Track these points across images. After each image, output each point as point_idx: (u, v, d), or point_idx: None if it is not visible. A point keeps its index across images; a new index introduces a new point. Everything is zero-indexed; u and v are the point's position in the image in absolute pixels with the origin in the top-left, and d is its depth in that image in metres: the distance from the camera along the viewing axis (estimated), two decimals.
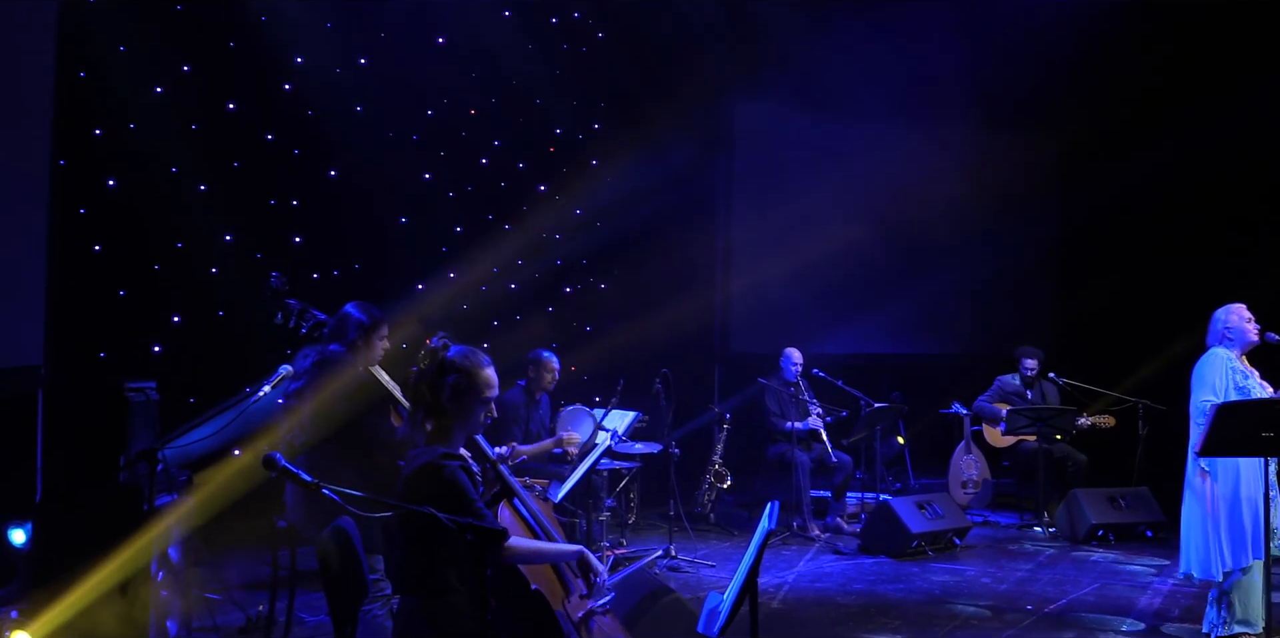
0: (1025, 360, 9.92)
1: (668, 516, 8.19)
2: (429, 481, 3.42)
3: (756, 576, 3.45)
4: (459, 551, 3.39)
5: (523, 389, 7.78)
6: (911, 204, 11.36)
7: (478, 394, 3.58)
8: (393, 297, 7.69)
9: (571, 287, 10.37)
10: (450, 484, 3.41)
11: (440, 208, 9.07)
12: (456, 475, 3.44)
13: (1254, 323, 5.95)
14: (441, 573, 3.44)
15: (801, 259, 10.72)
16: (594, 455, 6.66)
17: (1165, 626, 6.27)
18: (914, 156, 11.88)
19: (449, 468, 3.44)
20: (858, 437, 9.43)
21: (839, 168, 11.59)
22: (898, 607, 6.69)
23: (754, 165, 11.60)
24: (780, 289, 10.96)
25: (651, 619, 5.09)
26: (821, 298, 11.38)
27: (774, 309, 11.22)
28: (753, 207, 11.50)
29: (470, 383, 3.57)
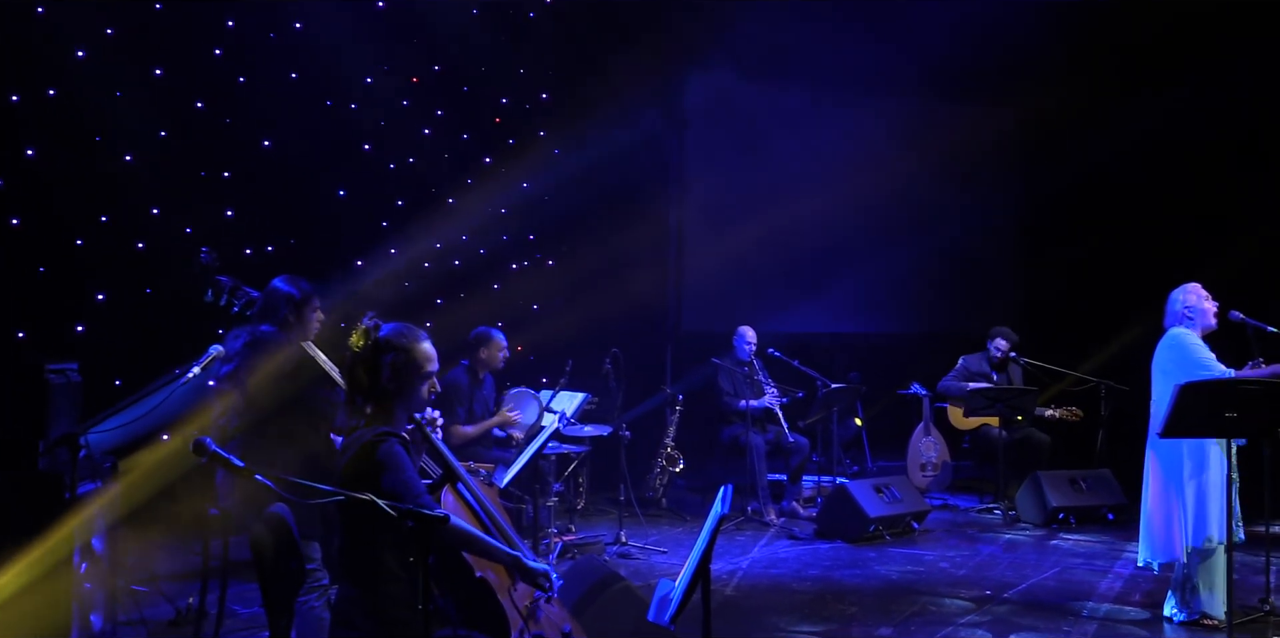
0: (997, 341, 9.95)
1: (618, 501, 8.20)
2: (366, 459, 3.40)
3: (709, 562, 3.46)
4: (401, 537, 3.37)
5: (466, 369, 7.74)
6: (870, 178, 11.41)
7: (418, 370, 3.57)
8: (331, 273, 7.61)
9: (518, 263, 10.32)
10: (386, 459, 3.40)
11: (380, 181, 8.98)
12: (394, 450, 3.42)
13: (1212, 302, 6.02)
14: (383, 561, 3.42)
15: (756, 235, 10.75)
16: (541, 439, 6.65)
17: (1126, 610, 6.37)
18: (873, 129, 11.94)
19: (386, 443, 3.43)
20: (814, 418, 9.49)
21: (795, 141, 11.62)
22: (854, 593, 6.75)
23: (707, 138, 11.58)
24: (735, 266, 10.98)
25: (600, 608, 5.09)
26: (777, 275, 11.42)
27: (728, 287, 11.24)
28: (706, 181, 11.50)
29: (409, 359, 3.56)
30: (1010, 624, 6.05)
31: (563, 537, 7.74)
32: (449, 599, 3.64)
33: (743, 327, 9.54)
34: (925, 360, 10.89)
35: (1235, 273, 8.63)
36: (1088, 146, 10.93)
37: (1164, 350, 5.99)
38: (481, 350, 7.78)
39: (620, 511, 8.17)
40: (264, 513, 3.69)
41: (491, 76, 9.93)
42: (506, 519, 3.96)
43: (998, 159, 12.25)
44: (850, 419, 11.03)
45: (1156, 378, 6.01)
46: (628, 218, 10.58)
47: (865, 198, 11.54)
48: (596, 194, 10.35)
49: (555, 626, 3.91)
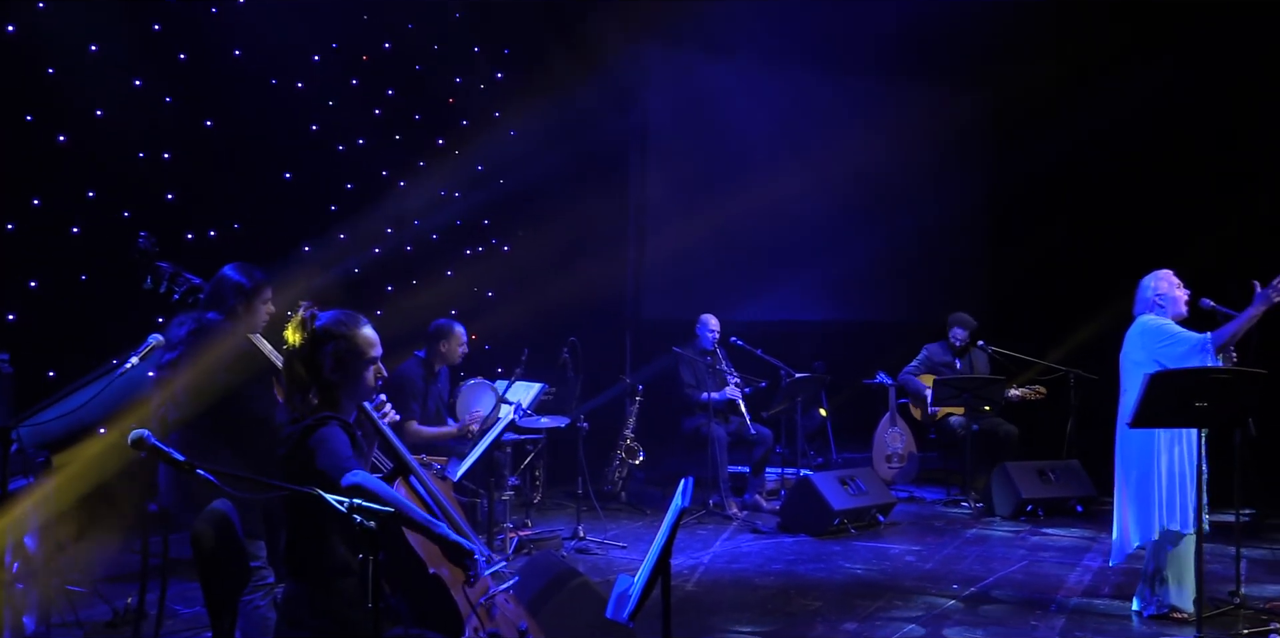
0: (955, 330, 10.05)
1: (575, 494, 8.20)
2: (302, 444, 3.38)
3: (669, 557, 3.46)
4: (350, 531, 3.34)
5: (420, 361, 7.69)
6: (836, 162, 11.45)
7: (361, 357, 3.55)
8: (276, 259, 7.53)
9: (472, 249, 10.27)
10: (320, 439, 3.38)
11: (329, 163, 8.91)
12: (330, 429, 3.41)
13: (1183, 289, 6.09)
14: (331, 556, 3.41)
15: (719, 220, 10.76)
16: (496, 431, 6.63)
17: (1095, 603, 6.45)
18: (837, 112, 11.98)
19: (325, 425, 3.42)
20: (778, 409, 9.52)
21: (759, 123, 11.63)
22: (818, 588, 6.79)
23: (668, 120, 11.58)
24: (696, 252, 10.99)
25: (558, 605, 5.09)
26: (740, 261, 11.45)
27: (689, 273, 11.25)
28: (667, 164, 11.49)
29: (351, 346, 3.54)
30: (977, 619, 6.11)
31: (519, 532, 7.73)
32: (400, 597, 3.62)
33: (705, 314, 9.55)
34: (892, 349, 10.95)
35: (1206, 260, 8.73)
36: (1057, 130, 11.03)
37: (1134, 338, 6.05)
38: (441, 344, 7.71)
39: (578, 504, 8.17)
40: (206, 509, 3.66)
41: (445, 55, 9.87)
42: (460, 514, 3.94)
43: (966, 143, 12.34)
44: (815, 410, 11.08)
45: (1126, 367, 6.07)
46: (586, 201, 10.56)
47: (831, 182, 11.59)
48: (553, 177, 10.32)
49: (511, 623, 3.90)
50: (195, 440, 4.57)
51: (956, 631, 5.88)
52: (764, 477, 9.52)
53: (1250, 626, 5.78)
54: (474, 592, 3.76)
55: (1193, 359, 5.78)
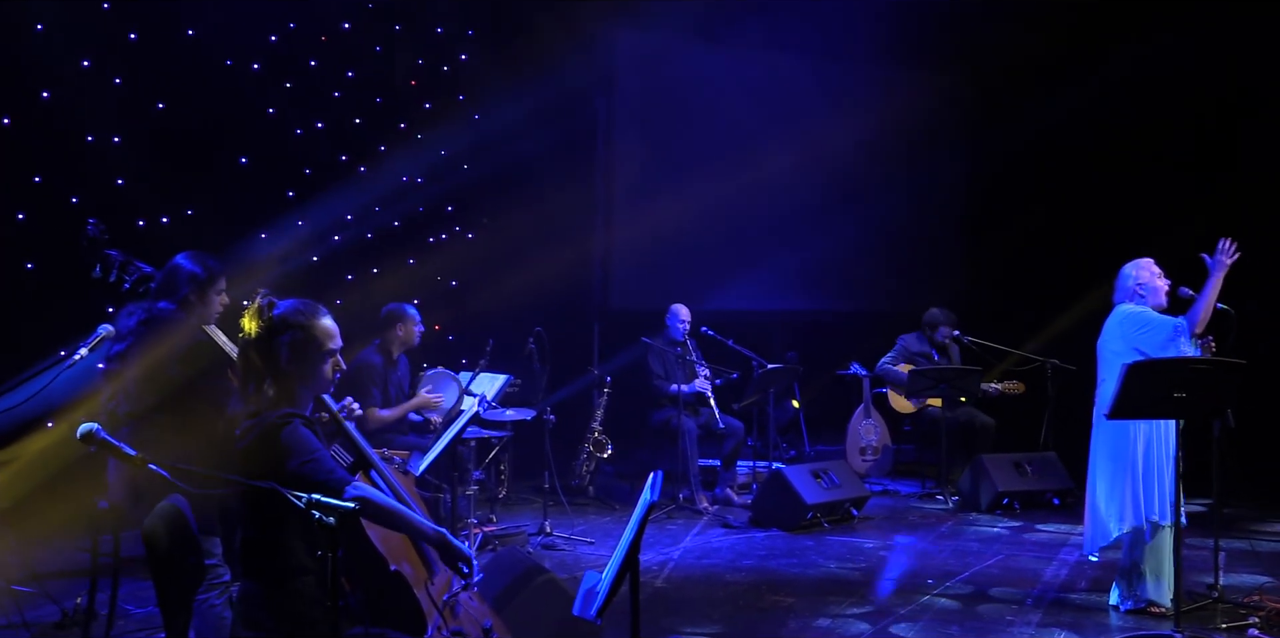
0: (940, 329, 10.10)
1: (542, 489, 8.20)
2: (268, 443, 3.36)
3: (638, 553, 3.47)
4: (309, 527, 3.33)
5: (379, 348, 7.68)
6: (809, 148, 11.46)
7: (320, 348, 3.53)
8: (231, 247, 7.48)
9: (435, 236, 10.24)
10: (291, 442, 3.36)
11: (286, 147, 8.85)
12: (298, 431, 3.39)
13: (1164, 279, 6.14)
14: (290, 554, 3.39)
15: (690, 207, 10.75)
16: (460, 423, 6.61)
17: (1072, 598, 6.50)
18: (811, 96, 11.98)
19: (290, 425, 3.39)
20: (749, 400, 9.54)
21: (732, 107, 11.64)
22: (791, 584, 6.82)
23: (638, 103, 11.56)
24: (666, 240, 10.98)
25: (523, 602, 5.10)
26: (711, 250, 11.44)
27: (660, 262, 11.24)
28: (637, 149, 11.47)
29: (309, 337, 3.51)
30: (952, 614, 6.15)
31: (483, 527, 7.72)
32: (361, 595, 3.61)
33: (676, 305, 9.56)
34: (866, 339, 11.00)
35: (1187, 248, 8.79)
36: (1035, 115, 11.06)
37: (1112, 327, 6.10)
38: (397, 328, 7.71)
39: (544, 499, 8.17)
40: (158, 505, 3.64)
41: (407, 36, 9.82)
42: (423, 510, 3.94)
43: (942, 127, 12.37)
44: (787, 401, 11.11)
45: (1104, 356, 6.11)
46: (553, 188, 10.54)
47: (804, 169, 11.60)
48: (519, 163, 10.29)
49: (475, 621, 3.90)
50: (148, 434, 4.55)
51: (931, 626, 5.92)
52: (735, 470, 9.55)
53: (1228, 619, 5.84)
54: (437, 589, 3.76)
55: (1171, 346, 5.84)
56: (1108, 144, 10.88)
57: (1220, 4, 10.09)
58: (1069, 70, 10.93)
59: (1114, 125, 10.82)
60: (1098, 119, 10.81)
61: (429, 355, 9.02)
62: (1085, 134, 10.96)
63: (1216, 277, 5.88)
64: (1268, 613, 5.88)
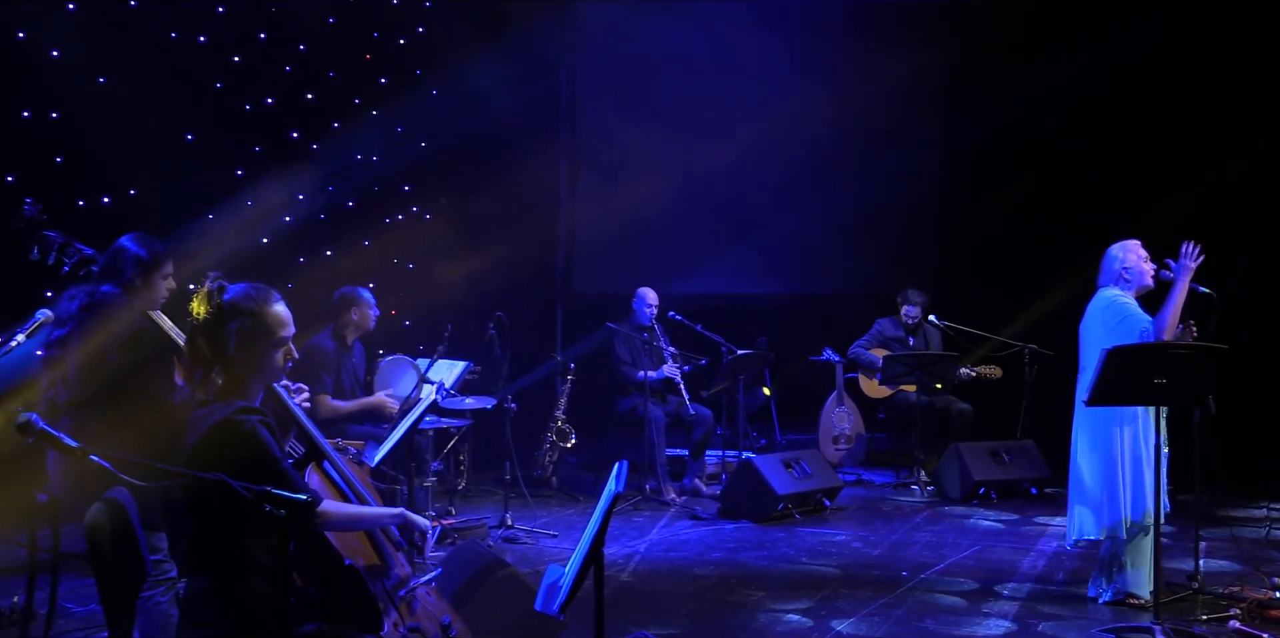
0: (906, 308, 10.16)
1: (503, 480, 8.19)
2: (223, 440, 3.34)
3: (602, 545, 3.47)
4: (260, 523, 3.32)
5: (332, 333, 7.64)
6: (780, 126, 11.46)
7: (270, 336, 3.50)
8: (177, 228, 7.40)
9: (391, 217, 10.18)
10: (248, 441, 3.34)
11: (234, 123, 8.76)
12: (257, 431, 3.36)
13: (1150, 262, 6.18)
14: (239, 550, 3.37)
15: (657, 187, 10.74)
16: (417, 412, 6.59)
17: (1050, 589, 6.56)
18: (782, 73, 11.97)
19: (247, 422, 3.37)
20: (719, 388, 9.56)
21: (700, 83, 11.62)
22: (761, 576, 6.85)
23: (604, 79, 11.52)
24: (632, 221, 10.96)
25: (484, 597, 5.10)
26: (679, 232, 11.44)
27: (626, 244, 11.23)
28: (602, 126, 11.45)
29: (259, 325, 3.49)
30: (927, 607, 6.20)
31: (442, 520, 7.71)
32: (314, 590, 3.60)
33: (643, 288, 9.55)
34: (839, 324, 11.03)
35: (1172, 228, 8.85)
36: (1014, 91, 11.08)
37: (1094, 313, 6.13)
38: (351, 312, 7.68)
39: (506, 491, 8.17)
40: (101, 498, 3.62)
41: (362, 7, 9.73)
42: (378, 502, 3.93)
43: (917, 105, 12.38)
44: (757, 388, 11.13)
45: (1086, 341, 6.15)
46: (514, 167, 10.50)
47: (776, 147, 11.60)
48: (479, 140, 10.23)
49: (433, 617, 3.90)
50: (89, 424, 4.52)
51: (905, 620, 5.96)
52: (704, 460, 9.57)
53: (1209, 611, 5.91)
54: (393, 585, 3.75)
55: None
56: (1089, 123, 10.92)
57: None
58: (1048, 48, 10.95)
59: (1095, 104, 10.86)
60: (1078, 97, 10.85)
61: (385, 341, 8.98)
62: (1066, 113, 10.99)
63: (1182, 282, 5.92)
64: (1249, 604, 5.94)
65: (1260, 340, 9.44)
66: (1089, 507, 6.11)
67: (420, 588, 3.89)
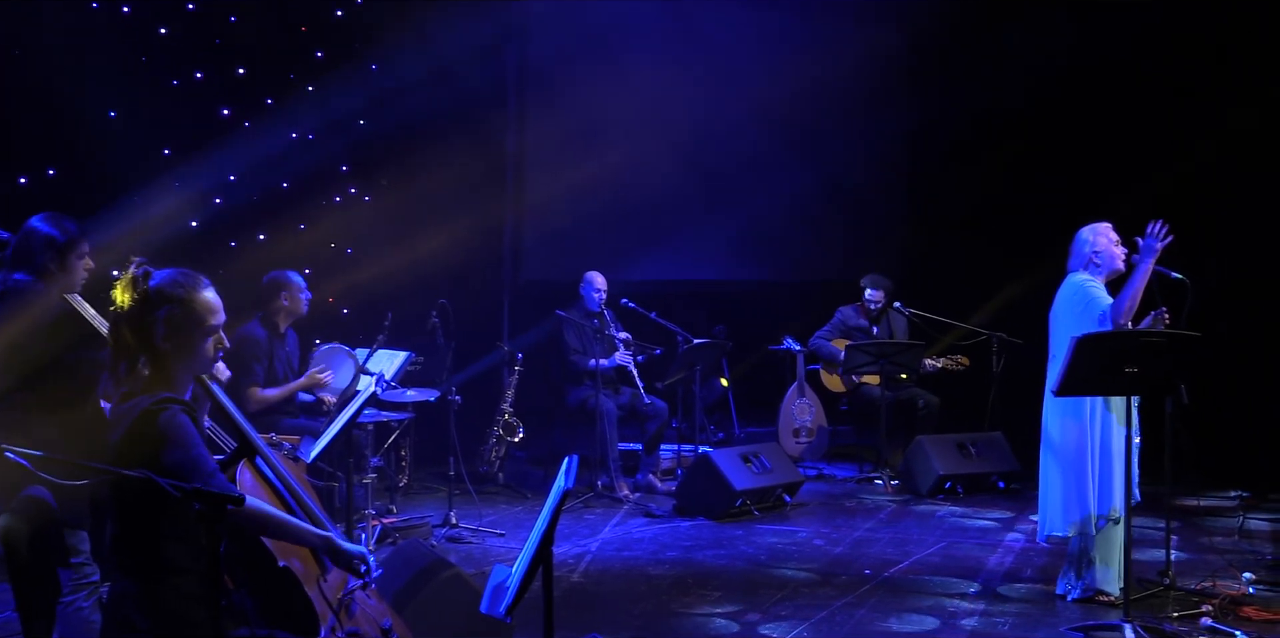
0: (869, 292, 10.20)
1: (447, 476, 8.17)
2: (145, 432, 3.32)
3: (551, 544, 3.47)
4: (187, 521, 3.30)
5: (262, 321, 7.59)
6: (739, 105, 11.47)
7: (200, 324, 3.48)
8: (99, 210, 7.34)
9: (328, 199, 10.11)
10: (169, 431, 3.31)
11: (161, 100, 8.67)
12: (176, 419, 3.34)
13: (1121, 246, 6.23)
14: (165, 550, 3.36)
15: (609, 169, 10.72)
16: (355, 405, 6.55)
17: (1017, 587, 6.63)
18: (740, 50, 11.97)
19: (169, 411, 3.35)
20: (674, 379, 9.58)
21: (654, 60, 11.60)
22: (719, 576, 6.87)
23: (551, 54, 11.48)
24: (582, 204, 10.95)
25: (426, 599, 5.10)
26: (632, 215, 11.44)
27: (576, 228, 11.22)
28: (550, 104, 11.41)
29: (188, 312, 3.46)
30: (890, 606, 6.24)
31: (382, 519, 7.69)
32: (246, 594, 3.58)
33: (590, 272, 9.55)
34: (800, 312, 11.07)
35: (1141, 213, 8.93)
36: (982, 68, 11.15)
37: (1063, 299, 6.18)
38: (281, 297, 7.62)
39: (450, 488, 8.14)
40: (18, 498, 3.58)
41: None
42: (315, 500, 3.91)
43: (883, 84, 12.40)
44: (715, 379, 11.17)
45: (1055, 329, 6.21)
46: (459, 146, 10.45)
47: (734, 128, 11.62)
48: (422, 118, 10.18)
49: (373, 621, 3.89)
50: (6, 418, 4.46)
51: (869, 619, 6.00)
52: (658, 454, 9.58)
53: (1180, 608, 5.99)
54: (330, 587, 3.73)
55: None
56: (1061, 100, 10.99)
57: None
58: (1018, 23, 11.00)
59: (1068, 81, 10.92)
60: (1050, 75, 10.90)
61: (321, 330, 8.94)
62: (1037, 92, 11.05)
63: (1146, 264, 5.97)
64: (1221, 601, 6.02)
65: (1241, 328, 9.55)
66: (1057, 502, 6.16)
67: (359, 590, 3.87)
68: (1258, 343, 9.84)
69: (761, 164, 11.93)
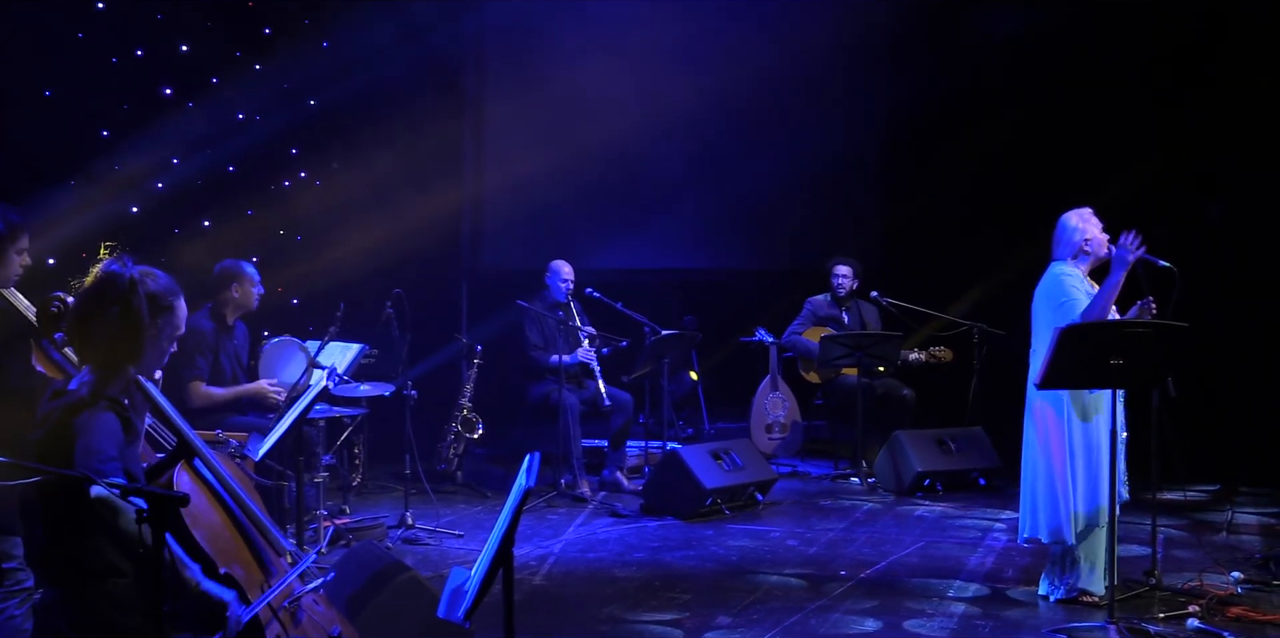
0: (838, 269, 10.19)
1: (402, 475, 8.14)
2: (62, 430, 3.30)
3: (512, 546, 3.46)
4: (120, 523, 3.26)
5: (210, 312, 7.54)
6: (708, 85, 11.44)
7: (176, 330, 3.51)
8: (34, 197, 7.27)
9: (276, 183, 10.07)
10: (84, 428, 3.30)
11: (100, 78, 8.60)
12: (98, 415, 3.34)
13: (1104, 232, 6.24)
14: (96, 555, 3.34)
15: (572, 151, 10.71)
16: (306, 401, 6.53)
17: (998, 588, 6.64)
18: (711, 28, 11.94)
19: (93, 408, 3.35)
20: (641, 372, 9.56)
21: (618, 36, 11.57)
22: (688, 579, 6.87)
23: (511, 29, 11.45)
24: (544, 189, 10.93)
25: (381, 604, 5.08)
26: (597, 201, 11.42)
27: (536, 214, 11.20)
28: (510, 83, 11.38)
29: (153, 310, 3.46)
30: (867, 609, 6.24)
31: (335, 520, 7.65)
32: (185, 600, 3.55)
33: (557, 261, 9.52)
34: (772, 302, 11.07)
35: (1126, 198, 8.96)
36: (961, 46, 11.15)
37: (1043, 290, 6.19)
38: (233, 288, 7.57)
39: (406, 487, 8.12)
40: None
41: None
42: (259, 503, 3.88)
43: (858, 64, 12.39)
44: (684, 372, 11.17)
45: (1037, 320, 6.21)
46: (414, 127, 10.43)
47: (703, 109, 11.59)
48: (375, 98, 10.15)
49: (321, 629, 3.87)
50: None
51: (844, 622, 6.00)
52: (624, 451, 9.58)
53: (1166, 608, 6.01)
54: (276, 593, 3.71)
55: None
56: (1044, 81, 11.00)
57: None
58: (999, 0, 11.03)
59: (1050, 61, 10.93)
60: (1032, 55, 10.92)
61: (270, 322, 8.88)
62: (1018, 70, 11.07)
63: (1118, 276, 5.95)
64: (1208, 601, 6.05)
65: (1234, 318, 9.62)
66: (1037, 504, 6.17)
67: (307, 596, 3.85)
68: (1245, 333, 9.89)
69: (733, 147, 11.92)
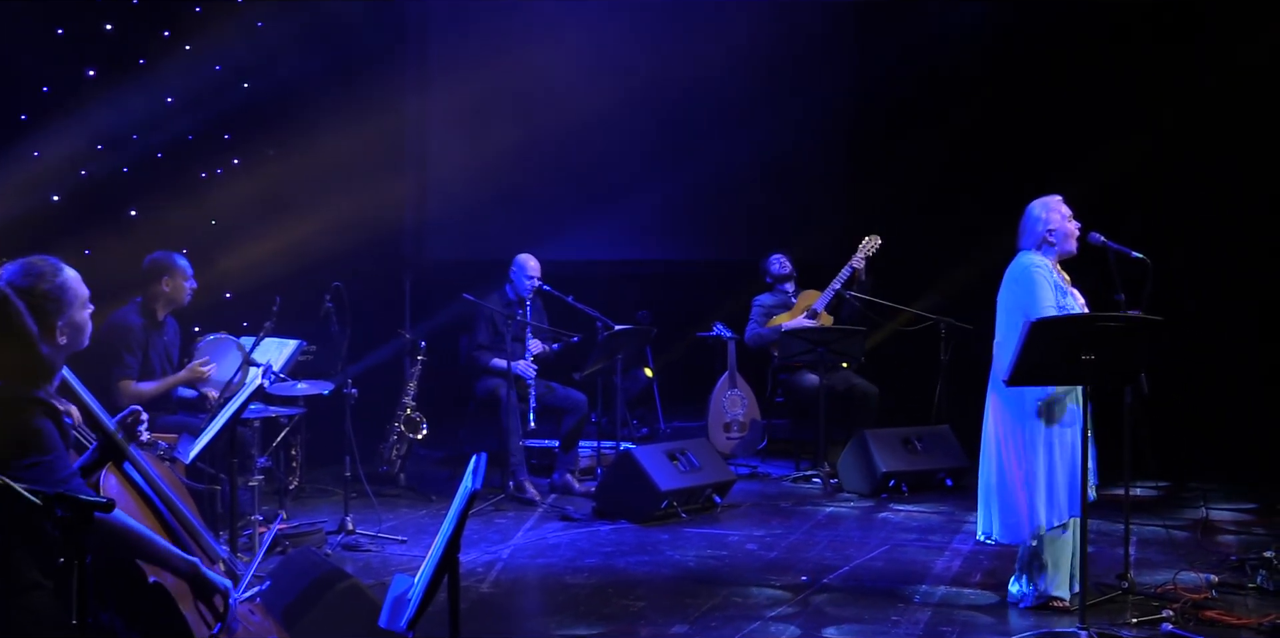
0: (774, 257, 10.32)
1: (342, 478, 8.11)
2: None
3: (457, 552, 3.46)
4: (42, 532, 3.25)
5: (139, 307, 7.49)
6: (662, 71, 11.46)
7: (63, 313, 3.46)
8: None
9: (208, 171, 10.01)
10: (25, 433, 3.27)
11: (18, 60, 8.52)
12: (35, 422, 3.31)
13: (1074, 222, 6.28)
14: (15, 565, 3.30)
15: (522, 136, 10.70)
16: (240, 400, 6.49)
17: (966, 593, 6.69)
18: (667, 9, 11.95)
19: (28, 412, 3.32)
20: (593, 369, 9.55)
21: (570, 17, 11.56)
22: (642, 585, 6.88)
23: (456, 13, 11.41)
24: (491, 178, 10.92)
25: (320, 613, 5.06)
26: (546, 190, 11.42)
27: (483, 203, 11.18)
28: (455, 66, 11.35)
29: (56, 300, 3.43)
30: (829, 615, 6.28)
31: (270, 526, 7.61)
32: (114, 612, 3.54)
33: (522, 255, 9.45)
34: (731, 295, 11.09)
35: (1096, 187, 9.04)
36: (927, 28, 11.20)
37: (1009, 282, 6.22)
38: (163, 282, 7.53)
39: (346, 490, 8.08)
40: None
41: None
42: (191, 507, 3.87)
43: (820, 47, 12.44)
44: (638, 369, 11.17)
45: (1002, 314, 6.25)
46: (354, 114, 10.39)
47: (658, 95, 11.61)
48: (313, 83, 10.09)
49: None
50: None
51: (805, 629, 6.03)
52: (576, 453, 9.58)
53: (1139, 613, 6.07)
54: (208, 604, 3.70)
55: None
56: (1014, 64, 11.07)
57: None
58: None
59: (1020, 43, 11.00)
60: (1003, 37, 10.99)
61: (203, 317, 8.83)
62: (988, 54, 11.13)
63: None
64: (1182, 605, 6.11)
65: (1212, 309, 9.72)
66: (997, 507, 6.21)
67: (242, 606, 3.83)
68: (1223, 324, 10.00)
69: (690, 133, 11.93)
